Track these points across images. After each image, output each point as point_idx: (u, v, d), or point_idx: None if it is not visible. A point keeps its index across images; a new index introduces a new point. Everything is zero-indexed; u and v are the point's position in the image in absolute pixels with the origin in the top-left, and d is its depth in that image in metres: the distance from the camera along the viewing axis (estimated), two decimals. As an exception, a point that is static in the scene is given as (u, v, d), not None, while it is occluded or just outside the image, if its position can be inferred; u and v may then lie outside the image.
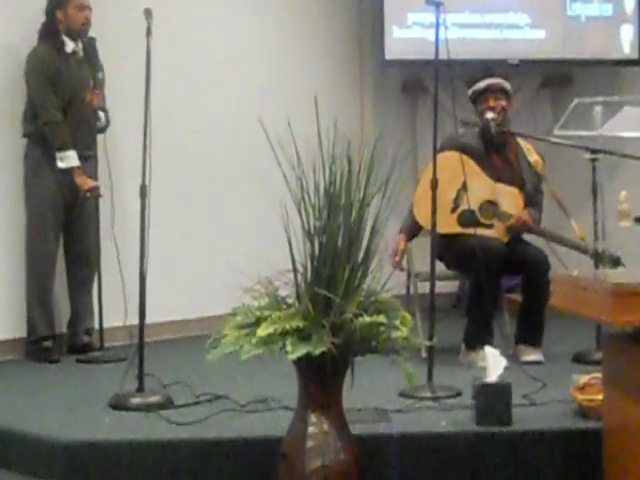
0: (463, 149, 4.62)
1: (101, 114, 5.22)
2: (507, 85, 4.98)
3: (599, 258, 4.60)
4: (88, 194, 5.06)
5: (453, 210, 4.82)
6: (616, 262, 4.64)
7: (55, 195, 5.08)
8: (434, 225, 4.20)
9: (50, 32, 5.07)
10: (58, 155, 4.99)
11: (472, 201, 4.64)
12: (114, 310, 5.04)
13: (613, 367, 3.23)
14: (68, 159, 5.00)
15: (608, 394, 3.28)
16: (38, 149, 5.06)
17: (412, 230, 4.93)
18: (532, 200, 4.94)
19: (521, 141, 5.04)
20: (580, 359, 4.68)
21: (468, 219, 4.75)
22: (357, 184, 3.12)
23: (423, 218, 4.66)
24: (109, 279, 5.14)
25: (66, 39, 5.10)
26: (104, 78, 5.22)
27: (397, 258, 4.82)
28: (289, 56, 6.47)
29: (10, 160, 5.13)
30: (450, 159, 4.57)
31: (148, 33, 4.05)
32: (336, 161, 3.09)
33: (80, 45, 5.16)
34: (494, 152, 4.96)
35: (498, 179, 4.89)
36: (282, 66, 6.41)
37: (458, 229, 4.80)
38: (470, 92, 4.99)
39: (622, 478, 3.12)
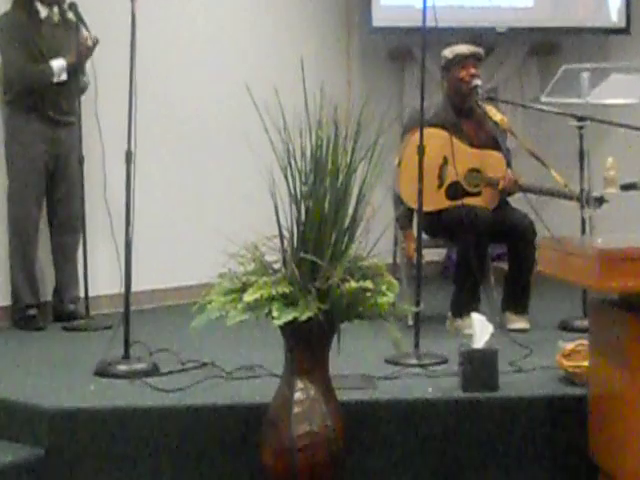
0: (436, 124, 4.61)
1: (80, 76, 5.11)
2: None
3: (584, 200, 4.62)
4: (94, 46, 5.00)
5: (440, 186, 4.80)
6: (600, 201, 4.67)
7: (37, 161, 5.01)
8: (420, 191, 4.17)
9: None
10: (55, 78, 4.93)
11: (457, 172, 4.63)
12: (105, 277, 5.01)
13: (599, 334, 3.24)
14: (58, 64, 4.95)
15: (594, 360, 3.29)
16: (18, 114, 4.99)
17: (409, 218, 4.83)
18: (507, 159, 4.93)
19: (482, 104, 4.97)
20: (566, 326, 4.69)
21: (456, 191, 4.74)
22: (344, 149, 3.10)
23: (412, 199, 4.43)
24: (101, 246, 5.10)
25: (39, 5, 5.02)
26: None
27: None
28: (277, 22, 6.41)
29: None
30: (429, 138, 4.35)
31: (133, -3, 4.00)
32: (323, 126, 3.07)
33: (56, 10, 5.08)
34: (464, 119, 4.93)
35: (473, 145, 4.87)
36: (270, 32, 6.35)
37: (447, 204, 4.78)
38: (451, 55, 4.84)
39: (606, 443, 3.15)
